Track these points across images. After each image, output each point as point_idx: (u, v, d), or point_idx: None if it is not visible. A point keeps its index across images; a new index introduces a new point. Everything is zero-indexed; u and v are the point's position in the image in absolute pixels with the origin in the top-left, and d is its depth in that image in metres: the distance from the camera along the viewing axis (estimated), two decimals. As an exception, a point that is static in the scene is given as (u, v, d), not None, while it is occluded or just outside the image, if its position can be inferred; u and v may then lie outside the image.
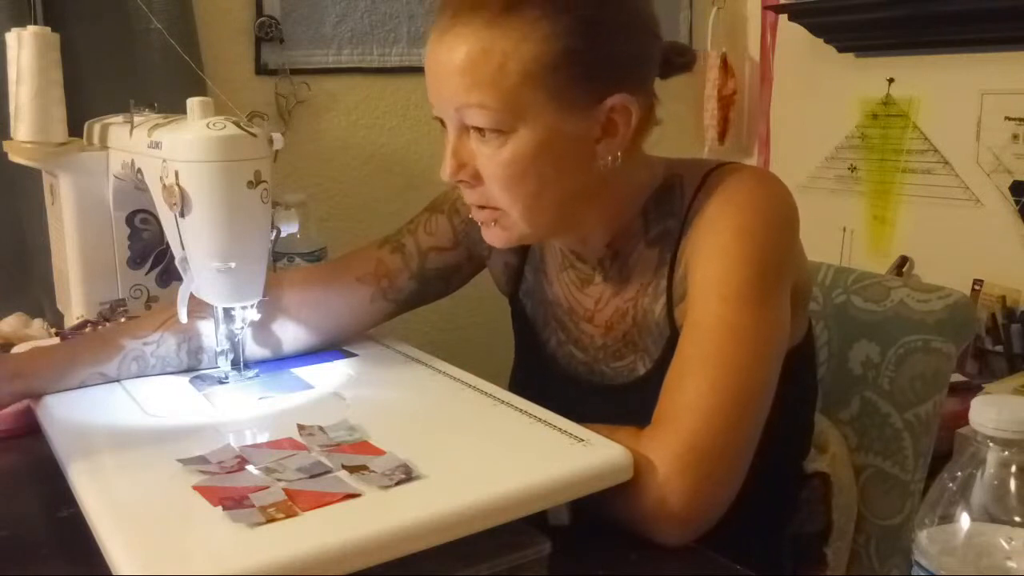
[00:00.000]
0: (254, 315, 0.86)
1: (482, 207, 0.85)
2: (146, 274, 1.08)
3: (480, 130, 0.80)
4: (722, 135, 2.18)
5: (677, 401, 0.76)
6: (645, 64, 0.85)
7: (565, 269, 0.98)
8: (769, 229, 0.83)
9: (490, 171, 0.81)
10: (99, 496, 0.64)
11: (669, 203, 0.90)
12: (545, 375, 0.98)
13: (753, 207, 0.83)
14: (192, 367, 0.91)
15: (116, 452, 0.71)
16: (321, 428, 0.73)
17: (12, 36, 1.09)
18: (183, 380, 0.88)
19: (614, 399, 0.92)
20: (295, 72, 1.66)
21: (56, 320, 1.21)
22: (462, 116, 0.80)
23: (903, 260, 1.96)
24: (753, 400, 0.77)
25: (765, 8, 2.18)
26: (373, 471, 0.65)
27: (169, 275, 1.09)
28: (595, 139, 0.83)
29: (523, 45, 0.77)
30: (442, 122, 0.84)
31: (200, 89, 1.26)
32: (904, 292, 1.08)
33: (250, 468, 0.67)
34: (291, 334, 0.96)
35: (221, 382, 0.87)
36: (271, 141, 0.82)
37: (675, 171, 0.92)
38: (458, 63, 0.78)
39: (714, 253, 0.82)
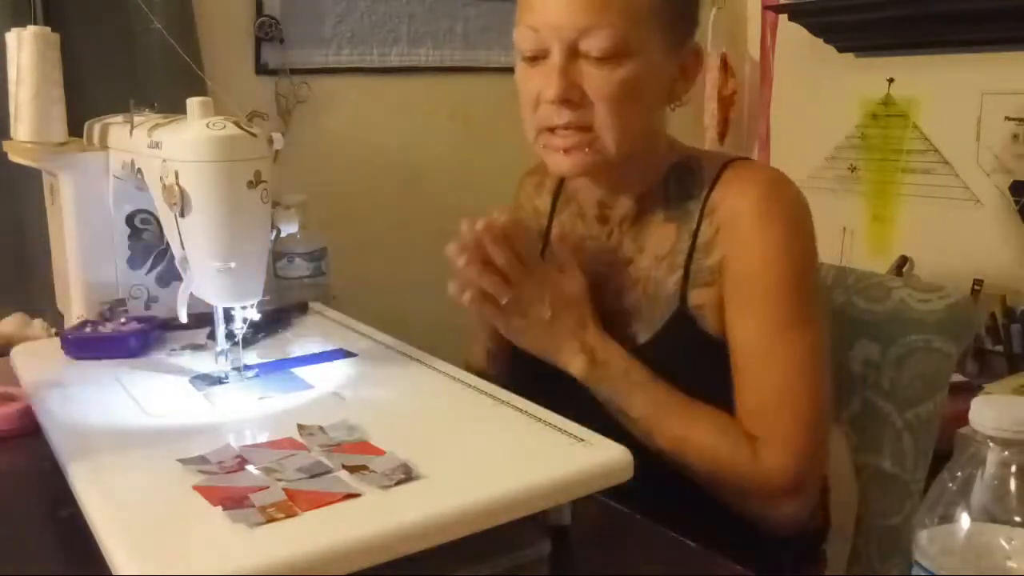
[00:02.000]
0: (254, 315, 0.86)
1: (577, 129, 0.90)
2: (146, 274, 1.08)
3: (600, 55, 0.87)
4: (722, 135, 2.18)
5: (775, 423, 0.88)
6: (699, 23, 0.97)
7: (583, 241, 1.04)
8: (808, 241, 0.92)
9: (604, 91, 0.89)
10: (99, 496, 0.64)
11: (689, 183, 0.97)
12: None
13: (793, 221, 0.92)
14: None
15: (116, 452, 0.71)
16: (321, 428, 0.73)
17: (12, 36, 1.09)
18: (183, 380, 0.88)
19: None
20: (295, 72, 1.66)
21: (56, 320, 1.21)
22: (583, 38, 0.87)
23: (903, 260, 1.96)
24: (824, 396, 0.90)
25: (765, 8, 2.18)
26: (373, 471, 0.65)
27: (169, 275, 1.08)
28: (674, 79, 0.94)
29: None
30: (531, 53, 0.91)
31: (200, 89, 1.26)
32: (904, 292, 1.08)
33: (250, 468, 0.67)
34: None
35: (221, 382, 0.87)
36: (271, 141, 0.82)
37: (691, 153, 1.00)
38: None
39: (764, 273, 0.90)
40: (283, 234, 1.31)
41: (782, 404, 0.88)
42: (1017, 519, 0.51)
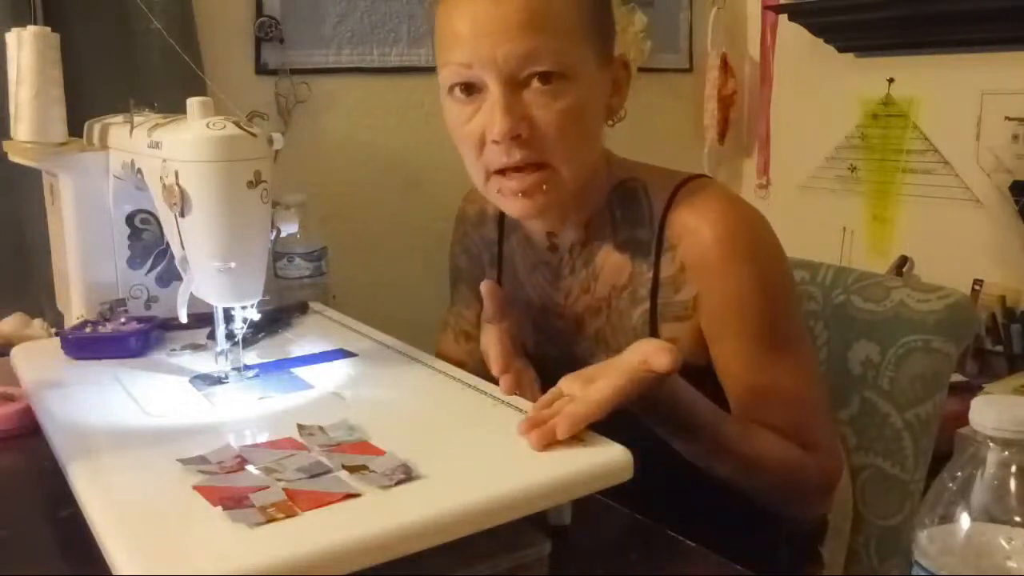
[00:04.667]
0: (254, 315, 0.86)
1: (531, 168, 0.85)
2: (146, 274, 1.08)
3: (544, 79, 0.82)
4: (722, 135, 2.18)
5: (811, 433, 0.88)
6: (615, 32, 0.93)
7: (537, 268, 1.01)
8: (780, 262, 0.91)
9: (550, 119, 0.83)
10: (99, 496, 0.64)
11: (636, 208, 0.94)
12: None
13: (762, 248, 0.89)
14: None
15: (116, 452, 0.71)
16: (321, 428, 0.73)
17: (12, 36, 1.09)
18: (183, 380, 0.88)
19: None
20: (295, 72, 1.66)
21: (56, 320, 1.21)
22: (526, 65, 0.82)
23: (903, 260, 1.96)
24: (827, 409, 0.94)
25: (765, 8, 2.18)
26: (373, 471, 0.65)
27: (169, 275, 1.08)
28: (608, 94, 0.90)
29: None
30: (466, 91, 0.85)
31: (200, 89, 1.26)
32: (904, 292, 1.08)
33: (250, 468, 0.67)
34: None
35: (221, 382, 0.87)
36: (271, 141, 0.82)
37: (631, 172, 0.96)
38: (523, 12, 0.81)
39: (750, 306, 0.87)
40: (283, 234, 1.31)
41: (809, 416, 0.89)
42: (1017, 519, 0.51)
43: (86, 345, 0.95)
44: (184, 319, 0.87)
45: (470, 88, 0.85)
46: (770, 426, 0.88)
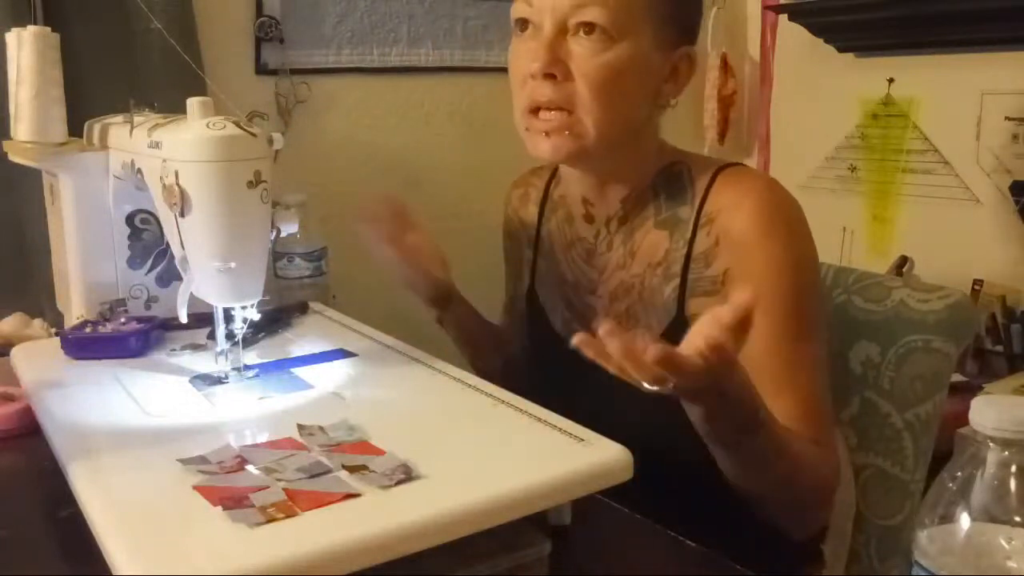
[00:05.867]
0: (254, 315, 0.86)
1: (558, 109, 0.91)
2: (146, 274, 1.08)
3: (589, 30, 0.89)
4: (722, 135, 2.18)
5: (818, 429, 0.89)
6: (699, 32, 0.99)
7: (573, 245, 1.04)
8: (809, 246, 0.93)
9: (586, 69, 0.89)
10: (99, 496, 0.64)
11: (679, 189, 0.97)
12: (551, 355, 1.01)
13: (794, 230, 0.92)
14: None
15: (116, 452, 0.71)
16: (321, 428, 0.73)
17: (12, 36, 1.09)
18: (183, 380, 0.88)
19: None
20: (295, 72, 1.66)
21: (56, 320, 1.21)
22: (575, 12, 0.89)
23: (903, 260, 1.96)
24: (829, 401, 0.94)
25: (765, 8, 2.18)
26: (373, 471, 0.65)
27: (169, 275, 1.08)
28: (663, 79, 0.95)
29: None
30: (525, 27, 0.92)
31: (200, 89, 1.26)
32: (904, 292, 1.08)
33: (250, 468, 0.67)
34: None
35: (221, 382, 0.87)
36: (271, 141, 0.82)
37: (679, 157, 1.00)
38: None
39: (776, 286, 0.89)
40: (283, 234, 1.31)
41: (816, 410, 0.89)
42: (1017, 519, 0.51)
43: (86, 345, 0.95)
44: (184, 319, 0.87)
45: (528, 25, 0.92)
46: (776, 412, 0.88)
